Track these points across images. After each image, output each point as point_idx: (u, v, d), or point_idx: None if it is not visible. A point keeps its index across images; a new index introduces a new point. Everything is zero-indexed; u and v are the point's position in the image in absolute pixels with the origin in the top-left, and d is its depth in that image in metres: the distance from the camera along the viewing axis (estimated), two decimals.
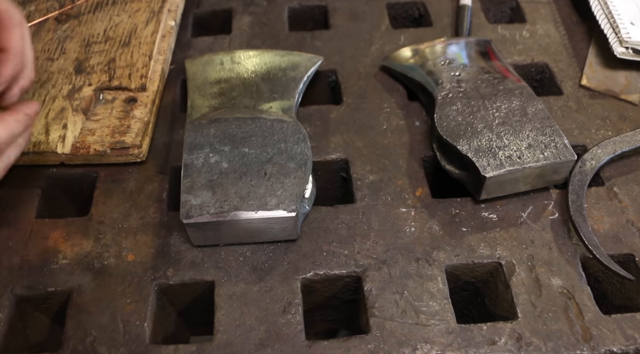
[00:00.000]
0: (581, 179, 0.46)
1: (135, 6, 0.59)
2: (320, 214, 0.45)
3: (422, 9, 0.64)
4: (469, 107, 0.48)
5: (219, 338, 0.39)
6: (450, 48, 0.54)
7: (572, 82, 0.56)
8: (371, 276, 0.42)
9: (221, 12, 0.64)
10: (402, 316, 0.40)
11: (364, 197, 0.46)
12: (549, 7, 0.63)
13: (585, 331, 0.39)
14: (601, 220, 0.45)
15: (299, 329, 0.39)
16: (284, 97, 0.50)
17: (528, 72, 0.58)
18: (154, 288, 0.41)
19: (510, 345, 0.39)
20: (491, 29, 0.61)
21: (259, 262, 0.43)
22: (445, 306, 0.40)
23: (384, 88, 0.55)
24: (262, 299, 0.41)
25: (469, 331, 0.39)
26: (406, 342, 0.39)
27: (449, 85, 0.50)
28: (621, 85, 0.55)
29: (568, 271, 0.42)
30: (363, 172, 0.48)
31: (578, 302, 0.41)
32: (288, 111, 0.48)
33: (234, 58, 0.53)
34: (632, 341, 0.39)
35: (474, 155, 0.44)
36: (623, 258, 0.44)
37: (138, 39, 0.55)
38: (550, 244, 0.44)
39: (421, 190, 0.47)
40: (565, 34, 0.60)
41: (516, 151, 0.44)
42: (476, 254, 0.43)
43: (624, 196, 0.47)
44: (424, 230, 0.44)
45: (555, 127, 0.46)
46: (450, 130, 0.46)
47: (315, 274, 0.42)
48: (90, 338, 0.39)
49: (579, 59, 0.58)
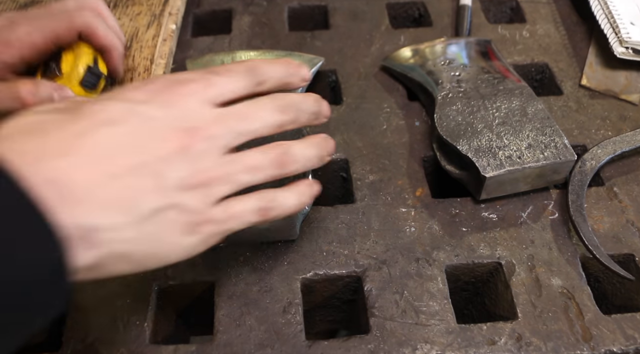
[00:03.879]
0: (581, 179, 0.46)
1: (137, 9, 0.59)
2: (320, 214, 0.45)
3: (422, 9, 0.64)
4: (469, 107, 0.48)
5: (219, 338, 0.39)
6: (450, 48, 0.54)
7: (572, 82, 0.56)
8: (371, 276, 0.42)
9: (221, 12, 0.64)
10: (402, 316, 0.40)
11: (364, 197, 0.46)
12: (549, 7, 0.63)
13: (585, 331, 0.39)
14: (601, 220, 0.45)
15: (299, 329, 0.39)
16: None
17: (528, 72, 0.58)
18: (154, 288, 0.41)
19: (510, 345, 0.39)
20: (491, 29, 0.61)
21: (259, 262, 0.43)
22: (445, 306, 0.40)
23: (384, 88, 0.55)
24: (262, 299, 0.41)
25: (469, 331, 0.39)
26: (406, 342, 0.39)
27: (449, 85, 0.50)
28: (621, 85, 0.55)
29: (568, 271, 0.42)
30: (363, 172, 0.48)
31: (578, 302, 0.41)
32: None
33: (234, 58, 0.53)
34: (632, 341, 0.39)
35: (474, 155, 0.44)
36: (623, 258, 0.44)
37: (139, 43, 0.55)
38: (550, 244, 0.44)
39: (421, 190, 0.47)
40: (565, 34, 0.60)
41: (516, 151, 0.44)
42: (476, 254, 0.43)
43: (624, 196, 0.47)
44: (424, 230, 0.44)
45: (555, 127, 0.46)
46: (450, 130, 0.46)
47: (315, 274, 0.42)
48: (90, 338, 0.39)
49: (579, 59, 0.58)
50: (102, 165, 0.27)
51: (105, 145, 0.28)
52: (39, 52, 0.42)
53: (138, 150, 0.29)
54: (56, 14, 0.43)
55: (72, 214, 0.26)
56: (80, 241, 0.26)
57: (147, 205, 0.28)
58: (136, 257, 0.29)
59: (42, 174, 0.25)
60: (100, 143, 0.28)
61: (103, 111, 0.29)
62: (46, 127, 0.28)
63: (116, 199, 0.27)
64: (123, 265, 0.29)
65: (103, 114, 0.29)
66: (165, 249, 0.30)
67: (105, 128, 0.29)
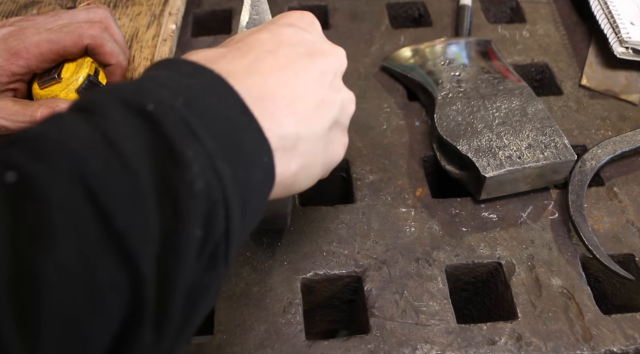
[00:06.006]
0: (581, 179, 0.46)
1: (137, 10, 0.59)
2: (320, 214, 0.45)
3: (422, 9, 0.64)
4: (469, 107, 0.48)
5: (219, 338, 0.39)
6: (450, 48, 0.54)
7: (572, 82, 0.56)
8: (371, 276, 0.42)
9: (221, 12, 0.64)
10: (402, 316, 0.40)
11: (364, 197, 0.46)
12: (549, 7, 0.63)
13: (585, 331, 0.39)
14: (601, 220, 0.45)
15: (299, 329, 0.39)
16: None
17: (528, 72, 0.58)
18: None
19: (510, 345, 0.39)
20: (491, 29, 0.61)
21: (259, 262, 0.43)
22: (445, 306, 0.40)
23: (384, 88, 0.55)
24: (262, 299, 0.41)
25: (469, 331, 0.39)
26: (406, 342, 0.39)
27: (449, 85, 0.50)
28: (621, 85, 0.55)
29: (568, 271, 0.42)
30: (363, 172, 0.48)
31: (578, 302, 0.41)
32: None
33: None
34: (632, 341, 0.39)
35: (474, 155, 0.44)
36: (623, 258, 0.44)
37: (139, 43, 0.55)
38: (550, 244, 0.44)
39: (421, 190, 0.47)
40: (565, 34, 0.60)
41: (516, 151, 0.44)
42: (476, 254, 0.43)
43: (624, 196, 0.47)
44: (424, 230, 0.44)
45: (555, 127, 0.46)
46: (450, 130, 0.46)
47: (315, 274, 0.42)
48: None
49: (579, 59, 0.58)
50: (293, 81, 0.30)
51: (289, 63, 0.30)
52: (46, 62, 0.43)
53: (314, 66, 0.31)
54: (65, 26, 0.43)
55: (280, 125, 0.28)
56: (283, 152, 0.28)
57: (331, 115, 0.32)
58: (315, 169, 0.32)
59: (253, 91, 0.27)
60: (286, 62, 0.30)
61: (273, 38, 0.31)
62: (234, 54, 0.30)
63: (312, 110, 0.30)
64: (306, 179, 0.31)
65: (273, 41, 0.31)
66: (334, 159, 0.34)
67: (284, 49, 0.31)
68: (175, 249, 0.21)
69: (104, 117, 0.22)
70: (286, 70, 0.30)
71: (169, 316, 0.22)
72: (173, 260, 0.21)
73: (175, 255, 0.21)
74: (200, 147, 0.23)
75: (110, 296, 0.20)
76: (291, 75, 0.30)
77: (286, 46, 0.31)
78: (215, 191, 0.23)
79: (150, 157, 0.22)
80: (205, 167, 0.23)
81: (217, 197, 0.23)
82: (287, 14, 0.35)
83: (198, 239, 0.22)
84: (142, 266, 0.20)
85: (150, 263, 0.21)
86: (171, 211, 0.21)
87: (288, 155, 0.29)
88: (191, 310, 0.23)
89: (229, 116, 0.25)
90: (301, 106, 0.29)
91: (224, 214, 0.23)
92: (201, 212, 0.22)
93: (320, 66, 0.31)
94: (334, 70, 0.33)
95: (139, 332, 0.21)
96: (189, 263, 0.22)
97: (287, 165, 0.29)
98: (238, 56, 0.29)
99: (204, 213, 0.22)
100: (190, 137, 0.23)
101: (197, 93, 0.25)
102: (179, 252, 0.21)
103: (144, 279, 0.20)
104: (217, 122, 0.24)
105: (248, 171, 0.25)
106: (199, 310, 0.24)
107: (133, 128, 0.22)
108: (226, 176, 0.23)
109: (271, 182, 0.27)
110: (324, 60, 0.32)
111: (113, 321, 0.20)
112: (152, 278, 0.21)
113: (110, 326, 0.20)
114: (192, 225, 0.22)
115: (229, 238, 0.24)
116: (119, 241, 0.20)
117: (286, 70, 0.30)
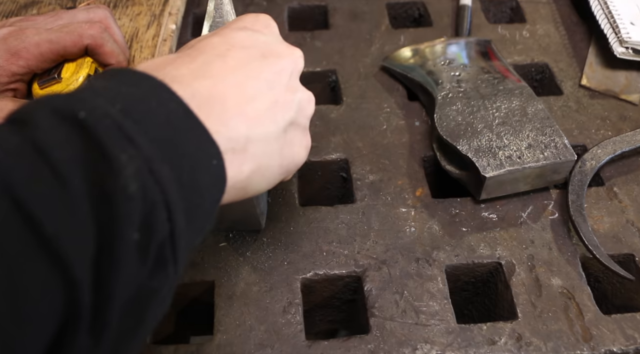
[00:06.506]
0: (581, 179, 0.46)
1: (137, 10, 0.58)
2: (320, 214, 0.45)
3: (422, 9, 0.64)
4: (469, 107, 0.48)
5: (219, 338, 0.39)
6: (450, 48, 0.54)
7: (572, 82, 0.56)
8: (371, 276, 0.42)
9: None
10: (402, 316, 0.40)
11: (364, 197, 0.46)
12: (549, 7, 0.63)
13: (585, 331, 0.39)
14: (601, 220, 0.45)
15: (299, 329, 0.39)
16: None
17: (528, 72, 0.58)
18: None
19: (510, 345, 0.39)
20: (491, 29, 0.61)
21: (259, 262, 0.43)
22: (445, 306, 0.40)
23: (384, 88, 0.55)
24: (262, 299, 0.41)
25: (469, 331, 0.39)
26: (406, 342, 0.39)
27: (449, 86, 0.50)
28: (621, 86, 0.55)
29: (568, 271, 0.42)
30: (363, 172, 0.48)
31: (578, 302, 0.41)
32: None
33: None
34: (632, 341, 0.39)
35: (474, 155, 0.44)
36: (623, 258, 0.44)
37: (139, 43, 0.55)
38: (550, 244, 0.44)
39: (421, 190, 0.47)
40: (565, 34, 0.60)
41: (516, 151, 0.44)
42: (476, 254, 0.43)
43: (624, 196, 0.47)
44: (424, 230, 0.44)
45: (555, 127, 0.46)
46: (450, 130, 0.46)
47: (315, 274, 0.42)
48: None
49: (579, 59, 0.58)
50: (243, 83, 0.30)
51: (240, 65, 0.30)
52: (46, 63, 0.43)
53: (267, 67, 0.31)
54: (65, 26, 0.43)
55: (228, 128, 0.28)
56: (233, 155, 0.28)
57: (286, 116, 0.31)
58: (272, 172, 0.32)
59: (200, 95, 0.27)
60: (236, 65, 0.30)
61: (224, 42, 0.31)
62: (183, 60, 0.30)
63: (264, 112, 0.30)
64: (262, 182, 0.31)
65: (223, 45, 0.31)
66: (294, 161, 0.34)
67: (235, 52, 0.31)
68: (111, 252, 0.21)
69: (35, 127, 0.22)
70: (236, 73, 0.30)
71: (108, 321, 0.21)
72: (109, 263, 0.21)
73: (112, 258, 0.21)
74: (135, 151, 0.23)
75: (43, 302, 0.20)
76: (241, 77, 0.30)
77: (237, 49, 0.31)
78: (153, 193, 0.22)
79: (81, 163, 0.22)
80: (140, 170, 0.22)
81: (155, 199, 0.23)
82: (241, 17, 0.35)
83: (135, 242, 0.22)
84: (75, 270, 0.20)
85: (84, 267, 0.21)
86: (106, 215, 0.21)
87: (239, 157, 0.28)
88: (140, 313, 0.23)
89: (169, 120, 0.25)
90: (252, 108, 0.29)
91: (166, 217, 0.23)
92: (137, 215, 0.22)
93: (274, 67, 0.31)
94: (289, 71, 0.32)
95: (75, 337, 0.21)
96: (129, 266, 0.22)
97: (239, 167, 0.28)
98: (187, 61, 0.29)
99: (141, 215, 0.22)
100: (124, 142, 0.22)
101: (136, 100, 0.25)
102: (115, 255, 0.21)
103: (78, 283, 0.20)
104: (156, 127, 0.24)
105: (193, 174, 0.25)
106: (151, 313, 0.24)
107: (64, 136, 0.22)
108: (166, 178, 0.23)
109: (222, 185, 0.27)
110: (278, 62, 0.32)
111: (46, 327, 0.20)
112: (87, 282, 0.21)
113: (44, 331, 0.20)
114: (127, 227, 0.22)
115: (174, 241, 0.23)
116: (49, 246, 0.20)
117: (237, 72, 0.30)
